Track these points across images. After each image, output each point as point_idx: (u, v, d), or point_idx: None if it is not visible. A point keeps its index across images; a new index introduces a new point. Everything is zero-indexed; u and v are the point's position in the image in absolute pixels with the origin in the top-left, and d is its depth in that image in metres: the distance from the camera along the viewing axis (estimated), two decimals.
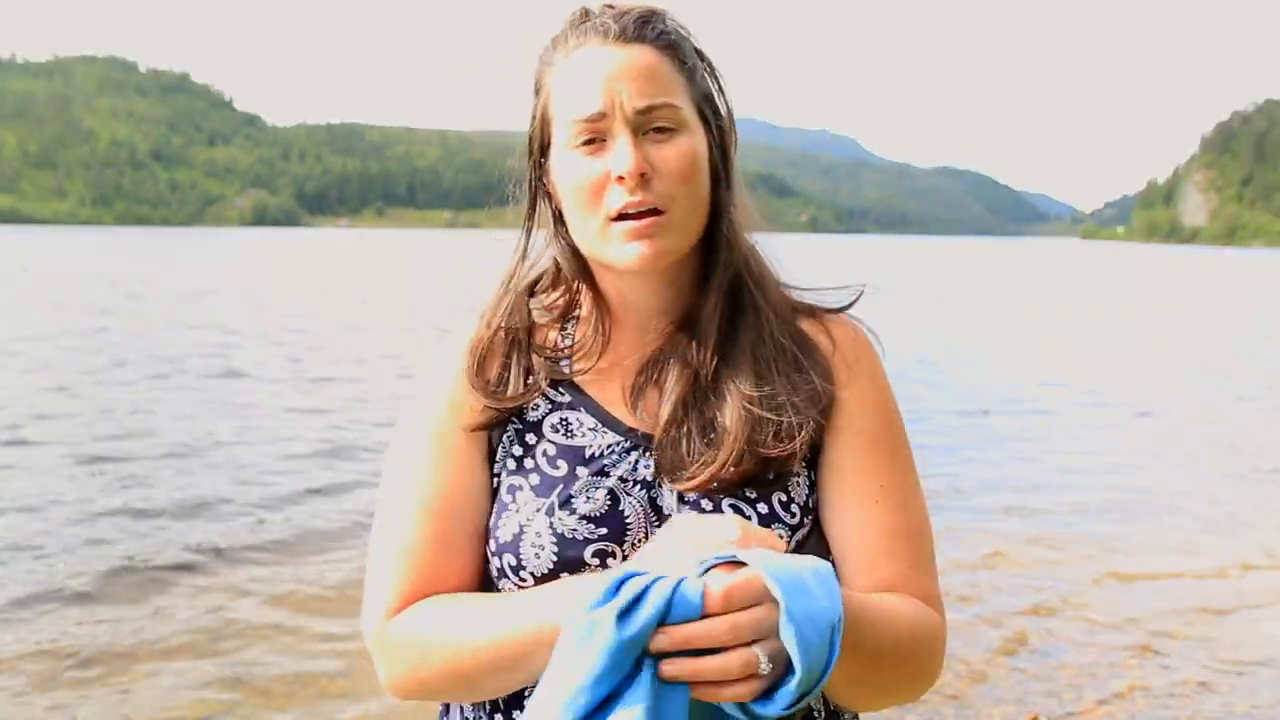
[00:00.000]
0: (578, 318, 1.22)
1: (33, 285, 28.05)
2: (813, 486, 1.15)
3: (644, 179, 1.07)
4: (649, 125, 1.08)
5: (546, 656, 0.92)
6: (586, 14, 1.15)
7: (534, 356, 1.18)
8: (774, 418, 1.11)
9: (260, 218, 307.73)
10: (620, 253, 1.10)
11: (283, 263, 50.56)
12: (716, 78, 1.17)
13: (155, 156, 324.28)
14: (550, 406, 1.17)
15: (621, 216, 1.08)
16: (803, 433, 1.11)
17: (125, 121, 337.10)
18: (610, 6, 1.14)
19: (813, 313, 1.22)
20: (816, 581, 0.87)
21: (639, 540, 1.10)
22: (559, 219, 1.18)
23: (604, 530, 1.09)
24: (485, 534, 1.15)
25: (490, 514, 1.15)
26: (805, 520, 1.13)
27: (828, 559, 1.08)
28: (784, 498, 1.12)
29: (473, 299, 1.25)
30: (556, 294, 1.22)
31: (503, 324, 1.19)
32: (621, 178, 1.07)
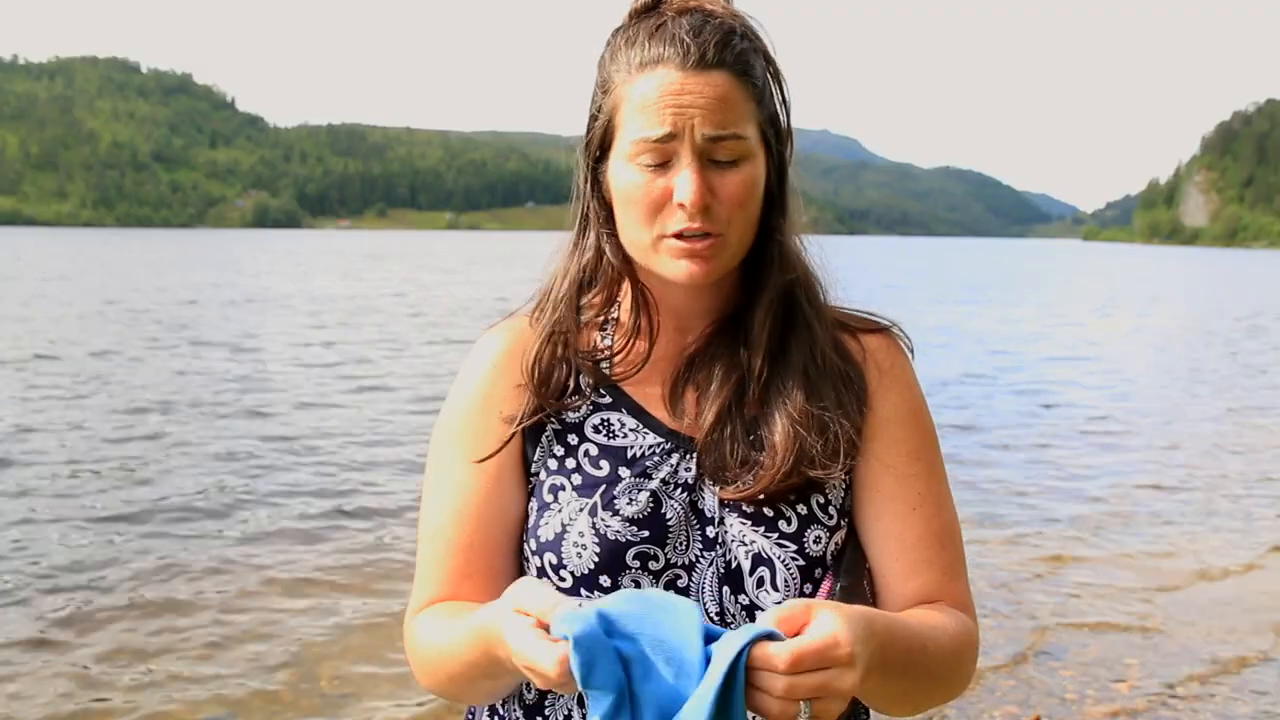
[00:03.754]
0: (616, 319, 1.23)
1: (81, 295, 26.87)
2: (848, 489, 1.18)
3: (706, 208, 1.09)
4: (714, 154, 1.10)
5: (498, 667, 1.00)
6: (659, 11, 1.14)
7: (578, 359, 1.19)
8: (822, 436, 1.13)
9: (261, 219, 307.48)
10: (672, 268, 1.12)
11: (310, 265, 50.09)
12: (783, 91, 1.17)
13: (157, 158, 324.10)
14: (592, 407, 1.19)
15: (678, 235, 1.10)
16: (844, 448, 1.14)
17: (127, 123, 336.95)
18: (686, 11, 1.12)
19: (848, 325, 1.24)
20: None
21: (680, 543, 1.13)
22: (609, 217, 1.18)
23: (646, 533, 1.12)
24: (519, 534, 1.18)
25: (525, 515, 1.18)
26: (841, 522, 1.17)
27: (864, 563, 1.17)
28: (821, 499, 1.15)
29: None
30: (594, 291, 1.22)
31: (551, 323, 1.20)
32: (683, 204, 1.08)
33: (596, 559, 1.11)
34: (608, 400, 1.19)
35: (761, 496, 1.12)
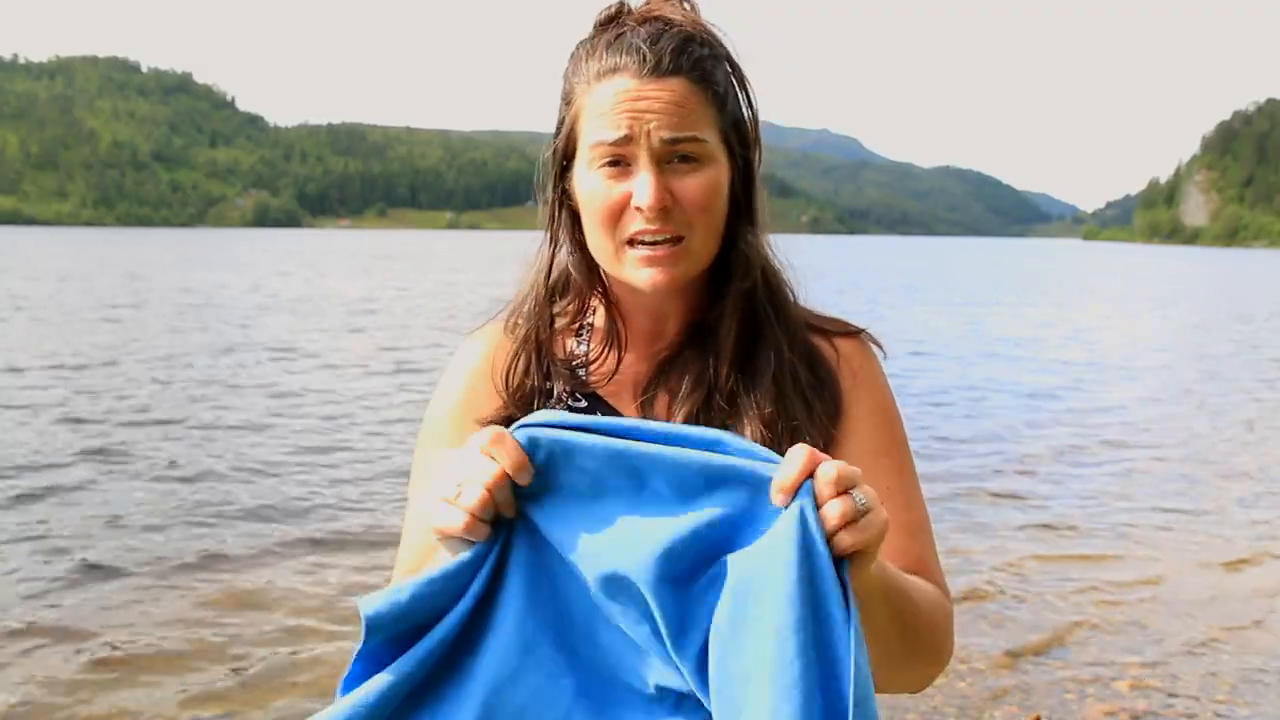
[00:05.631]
0: (591, 325, 1.25)
1: (97, 294, 26.44)
2: None
3: (664, 210, 1.10)
4: (673, 155, 1.11)
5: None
6: (620, 22, 1.15)
7: (553, 366, 1.21)
8: (789, 440, 1.12)
9: (262, 218, 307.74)
10: (635, 275, 1.14)
11: (320, 266, 49.37)
12: (748, 93, 1.18)
13: (157, 157, 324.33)
14: (566, 412, 1.16)
15: (638, 241, 1.12)
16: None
17: (127, 122, 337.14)
18: (646, 20, 1.14)
19: (820, 329, 1.26)
20: None
21: None
22: (577, 225, 1.20)
23: None
24: None
25: None
26: None
27: None
28: None
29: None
30: (569, 299, 1.24)
31: (526, 331, 1.22)
32: (640, 207, 1.10)
33: None
34: (583, 405, 1.21)
35: None
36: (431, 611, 0.92)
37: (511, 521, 0.94)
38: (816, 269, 1.19)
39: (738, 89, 1.17)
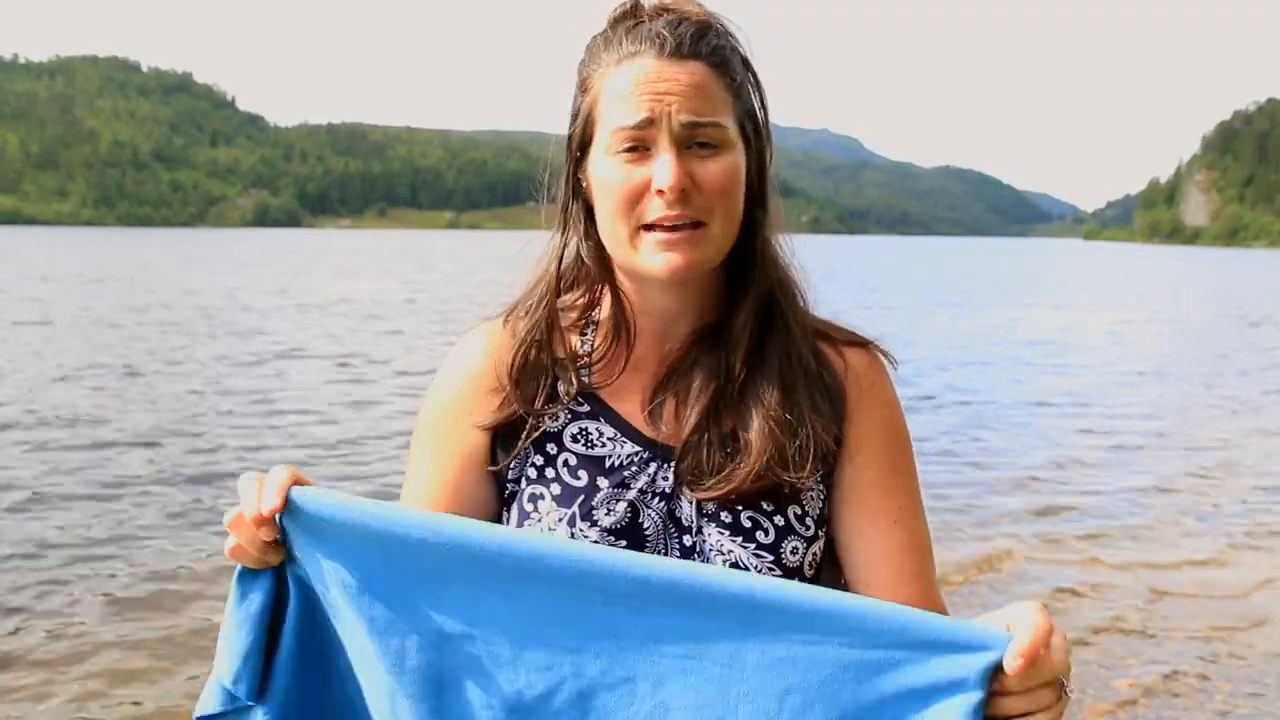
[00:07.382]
0: (597, 322, 1.22)
1: (136, 297, 25.93)
2: (825, 499, 1.18)
3: (684, 194, 1.08)
4: (693, 140, 1.09)
5: None
6: (637, 13, 1.15)
7: (556, 366, 1.19)
8: (795, 437, 1.13)
9: (262, 218, 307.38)
10: (650, 261, 1.11)
11: (336, 267, 48.89)
12: (760, 91, 1.18)
13: (157, 157, 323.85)
14: (570, 416, 1.18)
15: (656, 226, 1.10)
16: (818, 453, 1.14)
17: (127, 122, 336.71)
18: (664, 10, 1.14)
19: (829, 337, 1.23)
20: None
21: (658, 553, 1.12)
22: (589, 217, 1.18)
23: (624, 543, 1.12)
24: None
25: (495, 516, 1.20)
26: (819, 532, 1.17)
27: (838, 574, 1.19)
28: (799, 510, 1.15)
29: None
30: (576, 294, 1.22)
31: (531, 324, 1.20)
32: (662, 190, 1.08)
33: None
34: (586, 409, 1.19)
35: (735, 499, 1.12)
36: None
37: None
38: (820, 270, 1.17)
39: (750, 84, 1.17)
